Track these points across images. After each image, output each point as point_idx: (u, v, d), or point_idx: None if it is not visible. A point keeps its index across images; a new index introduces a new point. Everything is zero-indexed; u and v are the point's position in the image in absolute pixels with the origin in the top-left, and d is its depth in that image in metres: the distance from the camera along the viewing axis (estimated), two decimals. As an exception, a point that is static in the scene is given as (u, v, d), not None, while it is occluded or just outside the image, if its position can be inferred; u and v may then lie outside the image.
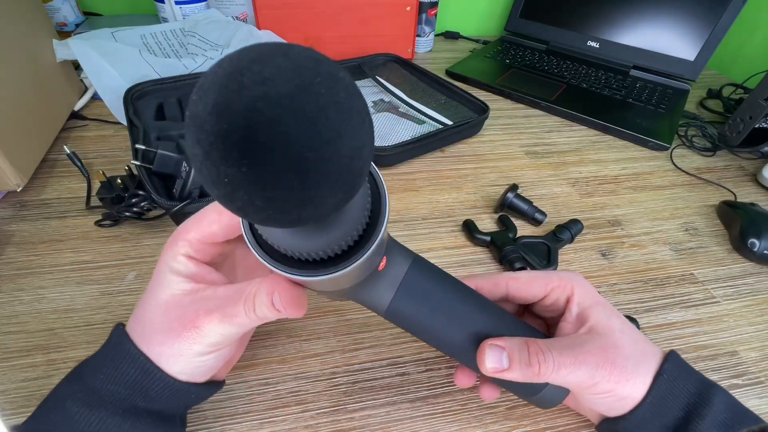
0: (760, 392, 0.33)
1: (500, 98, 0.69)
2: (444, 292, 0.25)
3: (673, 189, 0.53)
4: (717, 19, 0.66)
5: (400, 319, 0.24)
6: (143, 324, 0.23)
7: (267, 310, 0.21)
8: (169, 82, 0.52)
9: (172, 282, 0.22)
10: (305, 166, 0.10)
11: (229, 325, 0.21)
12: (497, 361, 0.23)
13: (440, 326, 0.24)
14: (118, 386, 0.22)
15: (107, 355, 0.23)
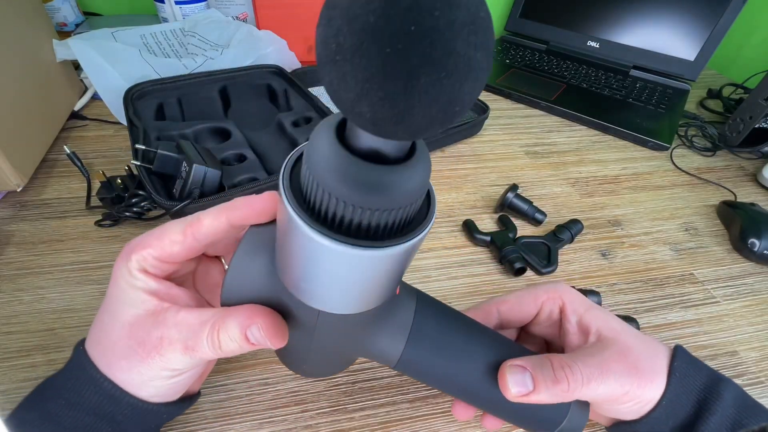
0: (760, 392, 0.33)
1: (500, 98, 0.69)
2: (454, 332, 0.23)
3: (673, 189, 0.53)
4: (717, 19, 0.66)
5: (414, 368, 0.23)
6: (104, 347, 0.21)
7: (236, 346, 0.19)
8: (169, 82, 0.52)
9: (135, 300, 0.21)
10: (452, 59, 0.10)
11: (191, 358, 0.20)
12: (521, 383, 0.22)
13: (455, 370, 0.23)
14: (80, 413, 0.21)
15: (69, 378, 0.22)
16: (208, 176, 0.38)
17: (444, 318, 0.24)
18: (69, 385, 0.21)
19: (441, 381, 0.24)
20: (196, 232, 0.21)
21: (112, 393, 0.21)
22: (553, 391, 0.21)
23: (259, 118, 0.53)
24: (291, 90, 0.55)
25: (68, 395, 0.21)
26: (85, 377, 0.21)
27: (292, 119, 0.50)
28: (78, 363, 0.21)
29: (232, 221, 0.21)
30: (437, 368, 0.23)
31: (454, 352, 0.23)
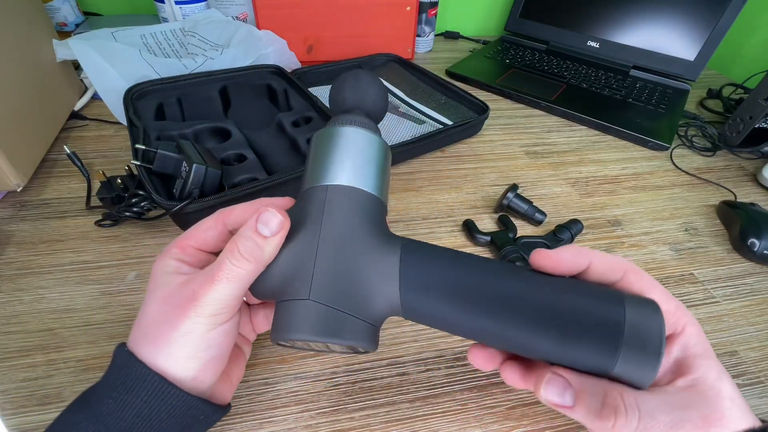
0: (760, 392, 0.33)
1: (500, 98, 0.69)
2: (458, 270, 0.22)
3: (673, 189, 0.53)
4: (717, 19, 0.66)
5: (425, 314, 0.22)
6: (145, 327, 0.22)
7: (251, 242, 0.21)
8: (169, 82, 0.52)
9: (168, 280, 0.23)
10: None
11: (221, 284, 0.21)
12: (558, 393, 0.20)
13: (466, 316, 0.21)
14: (128, 412, 0.21)
15: (114, 378, 0.22)
16: (208, 176, 0.38)
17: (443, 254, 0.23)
18: (116, 385, 0.21)
19: (453, 327, 0.22)
20: (226, 219, 0.24)
21: (158, 387, 0.21)
22: (591, 422, 0.19)
23: (259, 118, 0.53)
24: (291, 90, 0.55)
25: (116, 394, 0.21)
26: (132, 374, 0.21)
27: (292, 119, 0.50)
28: (122, 363, 0.22)
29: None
30: (446, 315, 0.22)
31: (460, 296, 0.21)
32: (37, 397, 0.28)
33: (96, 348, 0.31)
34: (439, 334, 0.34)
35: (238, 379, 0.28)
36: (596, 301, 0.21)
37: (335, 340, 0.21)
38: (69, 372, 0.30)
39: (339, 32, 0.71)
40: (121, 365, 0.22)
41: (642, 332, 0.19)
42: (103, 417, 0.21)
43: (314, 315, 0.21)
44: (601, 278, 0.23)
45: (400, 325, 0.35)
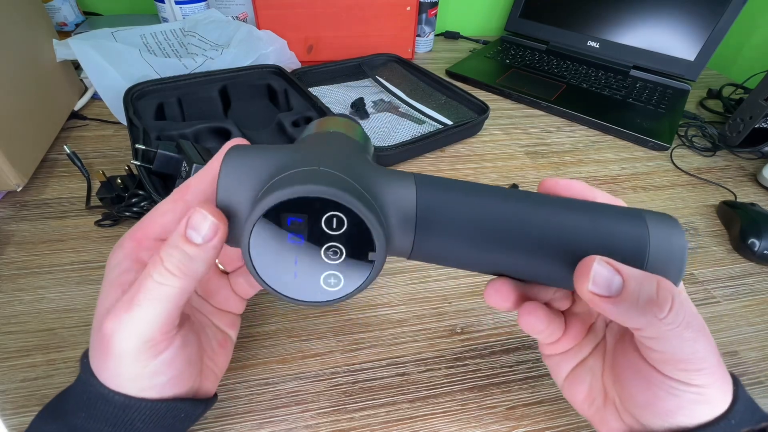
0: (760, 392, 0.33)
1: (500, 98, 0.69)
2: (477, 205, 0.20)
3: (673, 189, 0.53)
4: (717, 19, 0.66)
5: (433, 257, 0.21)
6: (94, 341, 0.20)
7: (182, 254, 0.18)
8: (169, 82, 0.52)
9: (109, 285, 0.20)
10: None
11: (143, 310, 0.18)
12: (605, 283, 0.17)
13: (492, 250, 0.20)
14: (102, 424, 0.20)
15: (82, 392, 0.21)
16: (208, 176, 0.38)
17: (459, 189, 0.20)
18: (84, 399, 0.20)
19: (472, 263, 0.21)
20: (185, 195, 0.21)
21: (125, 403, 0.20)
22: (643, 310, 0.17)
23: (259, 118, 0.53)
24: (291, 90, 0.55)
25: (86, 408, 0.20)
26: (94, 393, 0.20)
27: (292, 119, 0.50)
28: (86, 379, 0.20)
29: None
30: (462, 250, 0.20)
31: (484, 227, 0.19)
32: (37, 397, 0.28)
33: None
34: (439, 334, 0.34)
35: (224, 366, 0.26)
36: (618, 220, 0.20)
37: (356, 204, 0.17)
38: (69, 372, 0.30)
39: (339, 32, 0.71)
40: (85, 381, 0.20)
41: (664, 250, 0.19)
42: (78, 429, 0.20)
43: (328, 175, 0.18)
44: None
45: (401, 325, 0.35)
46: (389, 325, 0.35)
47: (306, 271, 0.18)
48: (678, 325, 0.17)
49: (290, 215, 0.17)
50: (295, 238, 0.18)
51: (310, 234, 0.18)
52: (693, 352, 0.18)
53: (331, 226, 0.18)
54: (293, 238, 0.18)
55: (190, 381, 0.22)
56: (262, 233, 0.17)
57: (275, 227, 0.17)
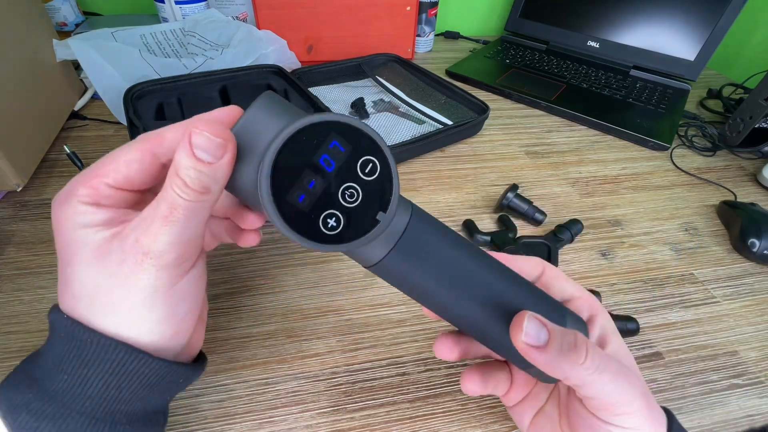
0: (760, 392, 0.33)
1: (500, 98, 0.69)
2: (451, 251, 0.21)
3: (673, 189, 0.53)
4: (717, 19, 0.66)
5: (392, 277, 0.21)
6: (89, 295, 0.18)
7: (193, 171, 0.17)
8: (169, 82, 0.52)
9: (85, 236, 0.18)
10: None
11: (177, 224, 0.18)
12: (535, 335, 0.19)
13: (447, 289, 0.21)
14: (88, 387, 0.18)
15: (67, 350, 0.18)
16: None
17: (441, 233, 0.22)
18: (70, 358, 0.18)
19: (425, 296, 0.22)
20: (156, 148, 0.19)
21: (122, 359, 0.18)
22: (565, 356, 0.19)
23: (259, 118, 0.53)
24: (291, 90, 0.55)
25: (71, 369, 0.18)
26: (87, 343, 0.18)
27: (292, 119, 0.50)
28: (72, 334, 0.18)
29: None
30: (424, 281, 0.21)
31: (448, 268, 0.21)
32: (37, 397, 0.28)
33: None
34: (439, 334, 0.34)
35: (203, 315, 0.25)
36: (550, 306, 0.23)
37: (393, 164, 0.18)
38: (69, 372, 0.30)
39: (339, 32, 0.71)
40: (71, 336, 0.18)
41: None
42: (60, 395, 0.18)
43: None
44: (526, 275, 0.25)
45: (401, 325, 0.35)
46: (389, 325, 0.35)
47: (312, 202, 0.18)
48: (595, 370, 0.19)
49: (336, 139, 0.18)
50: (328, 162, 0.18)
51: (343, 165, 0.18)
52: (618, 394, 0.20)
53: (364, 170, 0.18)
54: (326, 161, 0.18)
55: (191, 327, 0.21)
56: (293, 146, 0.17)
57: (311, 144, 0.17)
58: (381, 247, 0.20)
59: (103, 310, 0.18)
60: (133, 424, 0.19)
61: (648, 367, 0.34)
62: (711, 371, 0.34)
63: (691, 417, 0.31)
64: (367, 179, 0.18)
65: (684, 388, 0.32)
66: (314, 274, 0.38)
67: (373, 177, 0.18)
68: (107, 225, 0.18)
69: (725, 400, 0.32)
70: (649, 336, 0.36)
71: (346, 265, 0.39)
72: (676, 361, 0.34)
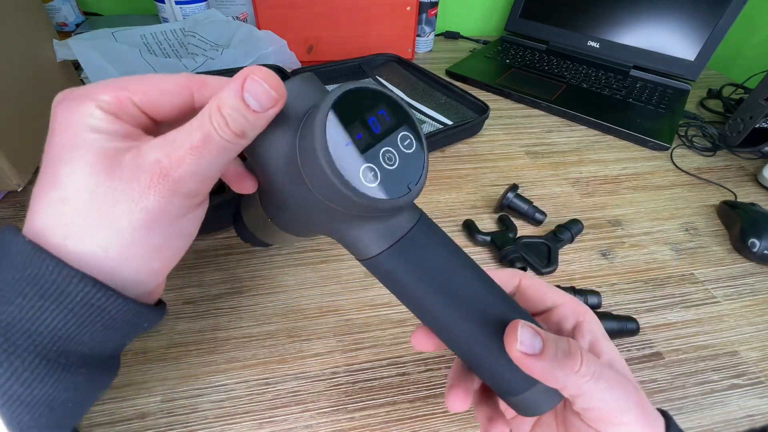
0: (760, 392, 0.33)
1: (500, 98, 0.69)
2: (449, 262, 0.22)
3: (673, 189, 0.53)
4: (717, 19, 0.66)
5: (385, 275, 0.22)
6: (75, 207, 0.16)
7: (241, 117, 0.17)
8: (169, 82, 0.52)
9: (94, 140, 0.17)
10: None
11: (206, 157, 0.17)
12: (529, 342, 0.19)
13: (439, 297, 0.21)
14: (41, 323, 0.16)
15: (19, 278, 0.16)
16: (208, 176, 0.37)
17: (443, 244, 0.22)
18: (22, 287, 0.16)
19: (413, 301, 0.22)
20: (198, 89, 0.19)
21: (98, 296, 0.16)
22: (560, 363, 0.19)
23: (259, 118, 0.53)
24: (291, 90, 0.55)
25: (21, 300, 0.16)
26: (51, 276, 0.16)
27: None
28: (27, 257, 0.16)
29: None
30: (415, 287, 0.21)
31: (443, 280, 0.21)
32: (37, 397, 0.28)
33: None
34: (439, 334, 0.34)
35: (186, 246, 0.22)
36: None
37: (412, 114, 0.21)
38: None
39: (339, 32, 0.71)
40: (28, 263, 0.16)
41: None
42: (3, 329, 0.16)
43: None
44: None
45: (401, 325, 0.35)
46: (389, 325, 0.35)
47: (355, 153, 0.19)
48: (591, 377, 0.19)
49: (385, 109, 0.20)
50: (375, 124, 0.20)
51: (387, 131, 0.20)
52: (615, 403, 0.19)
53: (403, 142, 0.20)
54: (374, 122, 0.20)
55: (170, 268, 0.20)
56: (349, 100, 0.19)
57: (363, 104, 0.19)
58: (381, 242, 0.20)
59: (88, 226, 0.16)
60: (87, 367, 0.18)
61: (648, 367, 0.34)
62: (711, 371, 0.34)
63: (691, 417, 0.31)
64: (404, 150, 0.20)
65: (684, 388, 0.32)
66: (314, 274, 0.38)
67: (410, 151, 0.20)
68: (121, 137, 0.17)
69: (725, 400, 0.32)
70: (649, 336, 0.36)
71: (346, 265, 0.39)
72: (676, 361, 0.34)
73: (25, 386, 0.16)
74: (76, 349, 0.17)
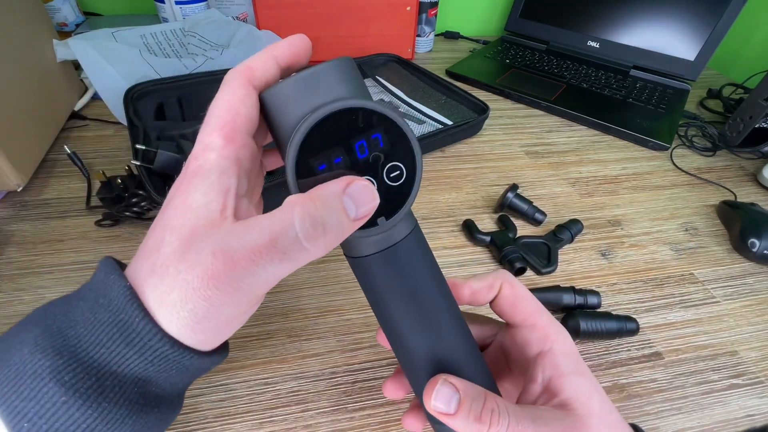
0: (760, 392, 0.33)
1: (500, 98, 0.69)
2: (427, 284, 0.21)
3: (673, 189, 0.53)
4: (717, 19, 0.66)
5: (363, 276, 0.21)
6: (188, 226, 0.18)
7: (338, 222, 0.16)
8: (169, 82, 0.52)
9: (209, 201, 0.18)
10: None
11: (284, 265, 0.16)
12: (446, 402, 0.19)
13: (403, 318, 0.21)
14: (125, 367, 0.17)
15: (111, 321, 0.17)
16: (208, 176, 0.38)
17: (427, 263, 0.21)
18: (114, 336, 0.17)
19: (382, 311, 0.22)
20: (253, 79, 0.19)
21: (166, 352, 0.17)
22: (470, 426, 0.19)
23: (259, 118, 0.53)
24: (291, 90, 0.55)
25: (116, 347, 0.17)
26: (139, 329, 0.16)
27: (292, 119, 0.50)
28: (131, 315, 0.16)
29: (279, 62, 0.20)
30: (387, 299, 0.21)
31: (415, 300, 0.21)
32: (37, 397, 0.28)
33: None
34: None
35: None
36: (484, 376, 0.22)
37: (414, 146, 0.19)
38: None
39: (339, 32, 0.71)
40: (121, 307, 0.17)
41: None
42: (99, 370, 0.16)
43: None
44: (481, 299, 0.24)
45: (400, 325, 0.35)
46: (389, 325, 0.35)
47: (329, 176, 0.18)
48: (507, 428, 0.19)
49: (381, 133, 0.18)
50: (362, 149, 0.18)
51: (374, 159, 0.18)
52: None
53: (390, 174, 0.18)
54: (361, 147, 0.18)
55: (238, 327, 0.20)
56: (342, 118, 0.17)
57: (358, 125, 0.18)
58: (368, 246, 0.20)
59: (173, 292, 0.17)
60: (160, 408, 0.19)
61: (648, 367, 0.34)
62: (711, 371, 0.34)
63: (691, 417, 0.31)
64: (388, 183, 0.18)
65: (684, 388, 0.32)
66: (314, 274, 0.38)
67: (395, 184, 0.18)
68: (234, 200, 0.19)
69: (725, 400, 0.32)
70: (649, 336, 0.36)
71: (346, 265, 0.39)
72: (676, 361, 0.34)
73: (110, 426, 0.17)
74: (152, 391, 0.18)
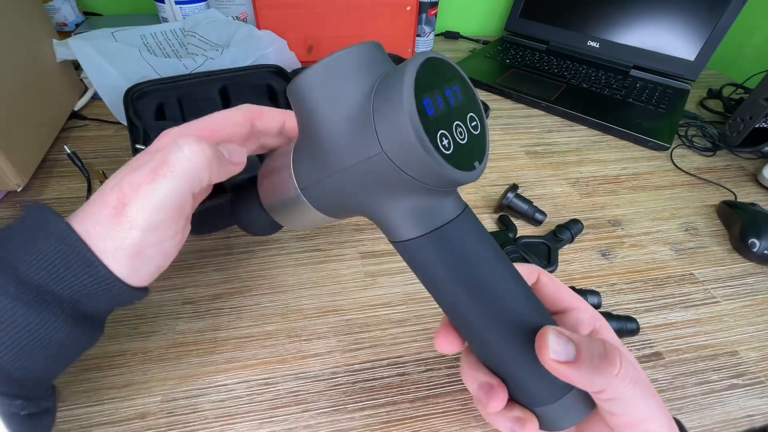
0: (760, 392, 0.33)
1: (500, 98, 0.69)
2: (487, 260, 0.21)
3: (673, 189, 0.53)
4: (717, 19, 0.66)
5: (414, 258, 0.21)
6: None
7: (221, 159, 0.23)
8: (169, 82, 0.51)
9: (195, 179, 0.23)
10: None
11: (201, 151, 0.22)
12: (563, 350, 0.18)
13: (471, 295, 0.20)
14: (64, 286, 0.20)
15: (53, 255, 0.20)
16: (208, 176, 0.37)
17: (486, 242, 0.21)
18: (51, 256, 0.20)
19: (442, 295, 0.21)
20: (257, 120, 0.25)
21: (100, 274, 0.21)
22: (599, 368, 0.18)
23: (259, 118, 0.53)
24: (291, 90, 0.55)
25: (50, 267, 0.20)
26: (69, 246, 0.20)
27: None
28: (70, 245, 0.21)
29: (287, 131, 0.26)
30: (446, 281, 0.21)
31: (478, 279, 0.20)
32: (37, 397, 0.28)
33: (96, 348, 0.31)
34: (439, 334, 0.34)
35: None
36: None
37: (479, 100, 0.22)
38: (68, 372, 0.30)
39: (339, 32, 0.70)
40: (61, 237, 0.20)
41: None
42: (36, 286, 0.20)
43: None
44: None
45: (401, 325, 0.35)
46: (389, 325, 0.35)
47: (435, 114, 0.19)
48: (630, 381, 0.18)
49: (459, 86, 0.20)
50: (450, 96, 0.20)
51: (459, 106, 0.20)
52: (646, 410, 0.19)
53: (471, 122, 0.20)
54: (450, 94, 0.20)
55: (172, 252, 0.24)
56: (433, 67, 0.19)
57: (444, 76, 0.20)
58: (420, 226, 0.20)
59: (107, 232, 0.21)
60: (88, 324, 0.22)
61: (648, 367, 0.34)
62: (711, 371, 0.34)
63: (691, 417, 0.31)
64: (472, 130, 0.20)
65: (684, 388, 0.32)
66: (314, 274, 0.38)
67: (476, 132, 0.21)
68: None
69: (725, 400, 0.32)
70: (649, 336, 0.36)
71: (346, 265, 0.39)
72: (676, 361, 0.34)
73: (49, 330, 0.20)
74: (83, 310, 0.22)
